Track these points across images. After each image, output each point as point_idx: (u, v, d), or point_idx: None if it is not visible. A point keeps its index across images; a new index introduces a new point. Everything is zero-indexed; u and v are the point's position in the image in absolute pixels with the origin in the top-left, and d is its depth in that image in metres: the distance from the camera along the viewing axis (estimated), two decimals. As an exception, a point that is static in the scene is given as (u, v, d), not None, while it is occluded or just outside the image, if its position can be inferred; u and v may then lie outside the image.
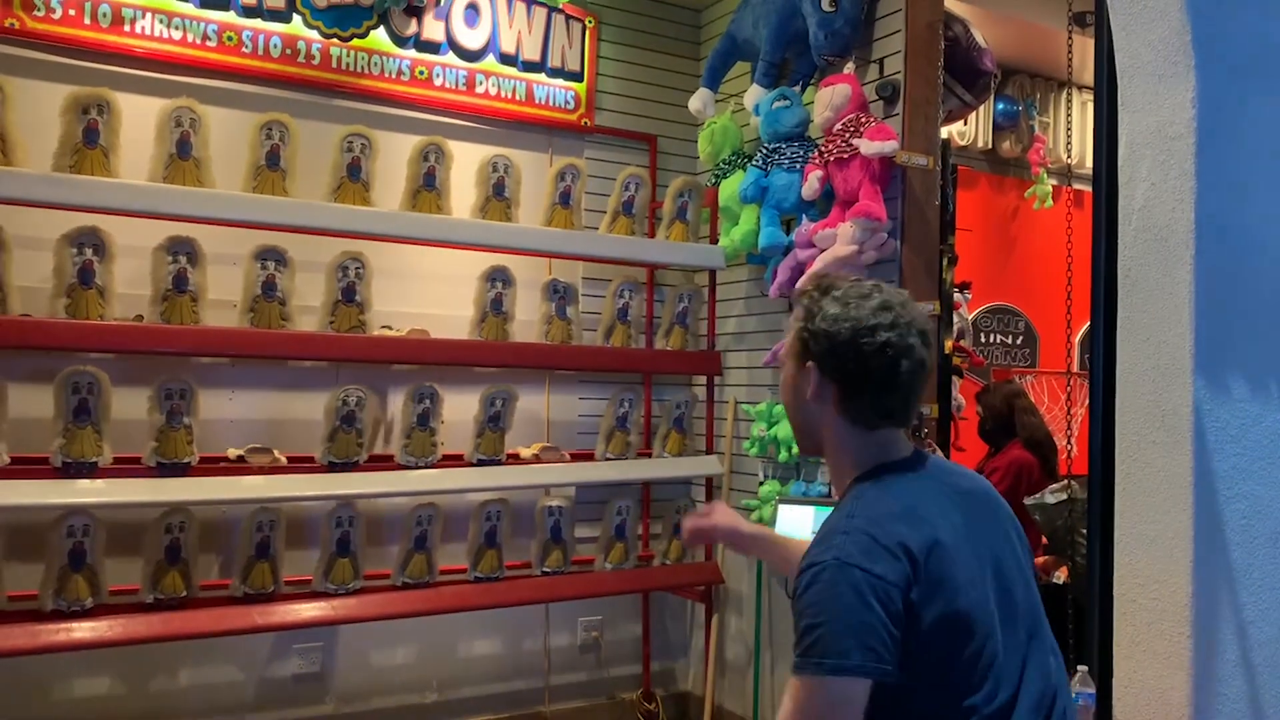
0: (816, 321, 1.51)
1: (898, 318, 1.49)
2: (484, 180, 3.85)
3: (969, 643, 1.41)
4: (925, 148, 3.60)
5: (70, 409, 3.13)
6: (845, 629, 1.33)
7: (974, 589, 1.44)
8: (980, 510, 1.58)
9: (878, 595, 1.34)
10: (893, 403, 1.51)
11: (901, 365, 1.48)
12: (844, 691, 1.33)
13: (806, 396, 1.54)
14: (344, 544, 3.56)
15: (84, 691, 3.49)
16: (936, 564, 1.40)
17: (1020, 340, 5.75)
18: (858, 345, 1.47)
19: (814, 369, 1.52)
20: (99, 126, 3.19)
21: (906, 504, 1.47)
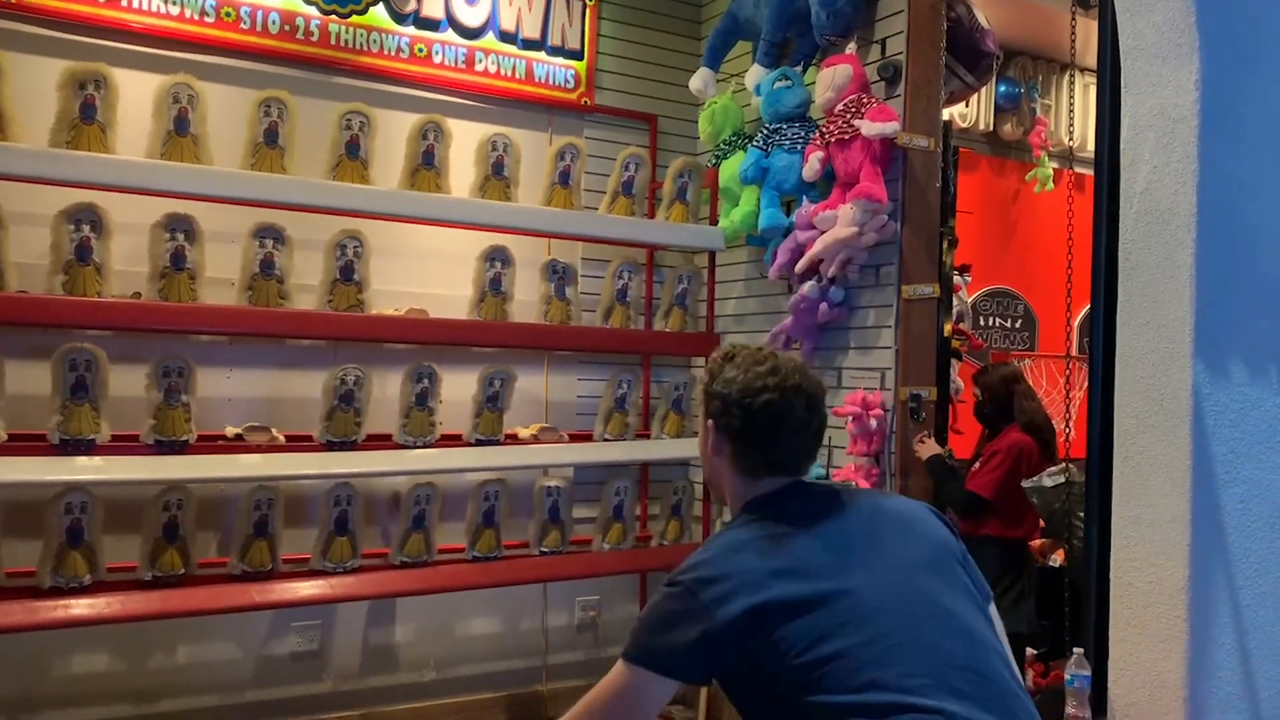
0: (714, 384, 1.69)
1: (783, 380, 1.64)
2: (483, 159, 3.84)
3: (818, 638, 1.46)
4: (927, 129, 3.58)
5: (68, 386, 3.13)
6: (650, 628, 1.57)
7: (843, 597, 1.49)
8: (878, 518, 1.65)
9: (687, 607, 1.51)
10: (776, 456, 1.66)
11: (782, 424, 1.64)
12: (634, 683, 1.56)
13: (709, 452, 1.71)
14: (342, 523, 3.57)
15: (82, 668, 3.50)
16: (777, 579, 1.50)
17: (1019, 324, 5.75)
18: (743, 404, 1.64)
19: (712, 426, 1.69)
20: (96, 102, 3.17)
21: (740, 539, 1.60)
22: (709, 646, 1.49)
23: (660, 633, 1.54)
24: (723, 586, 1.49)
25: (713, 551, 1.58)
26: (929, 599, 1.53)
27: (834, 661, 1.43)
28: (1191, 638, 2.25)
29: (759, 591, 1.48)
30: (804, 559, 1.53)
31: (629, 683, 1.55)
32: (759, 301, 4.33)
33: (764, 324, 4.18)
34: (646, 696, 1.55)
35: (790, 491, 1.66)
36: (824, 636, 1.45)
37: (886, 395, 3.64)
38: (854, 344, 3.82)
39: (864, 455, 3.64)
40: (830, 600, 1.47)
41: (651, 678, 1.53)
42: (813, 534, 1.57)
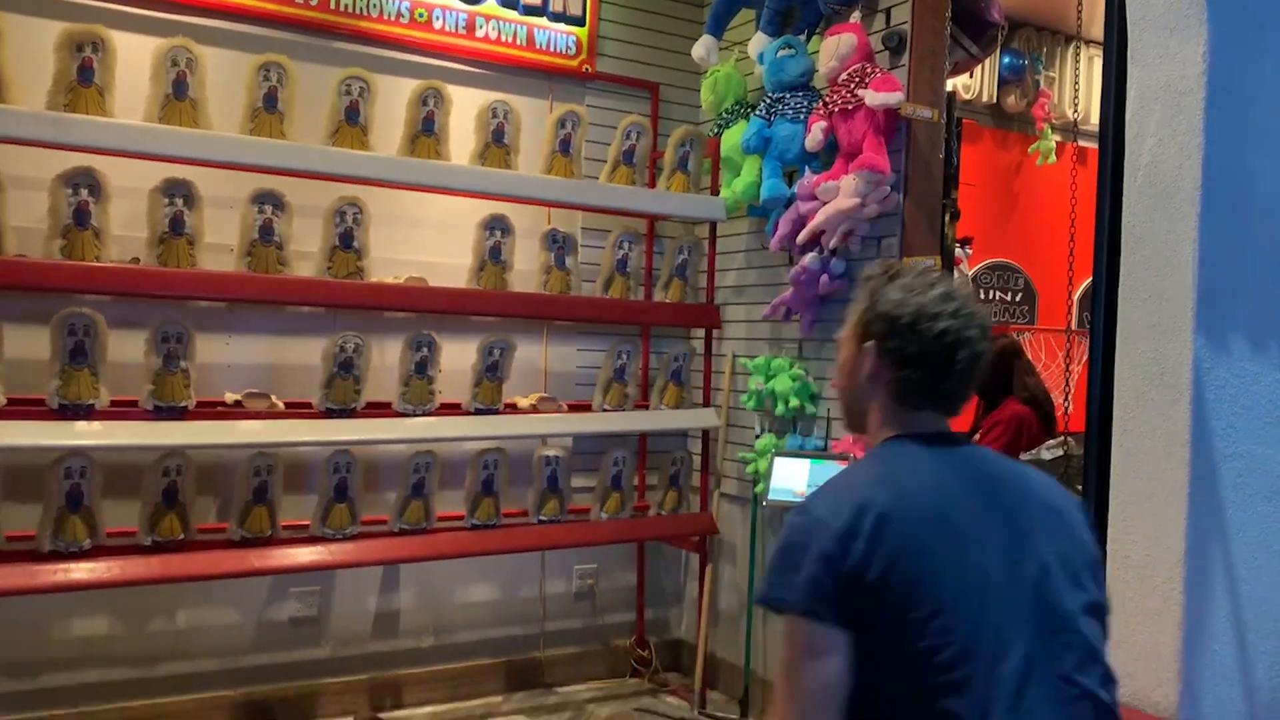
0: (879, 305, 1.55)
1: (960, 308, 1.53)
2: (483, 126, 3.81)
3: (931, 623, 1.37)
4: (930, 100, 3.56)
5: (66, 351, 3.12)
6: (786, 571, 1.42)
7: (960, 575, 1.40)
8: (1024, 510, 1.51)
9: (826, 545, 1.39)
10: (944, 388, 1.55)
11: (958, 354, 1.52)
12: (804, 628, 1.39)
13: (861, 377, 1.58)
14: (341, 490, 3.58)
15: (82, 632, 3.51)
16: (899, 531, 1.40)
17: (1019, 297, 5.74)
18: (917, 330, 1.52)
19: (872, 349, 1.56)
20: (94, 65, 3.14)
21: (894, 471, 1.50)
22: (837, 586, 1.37)
23: (790, 569, 1.41)
24: (859, 520, 1.40)
25: (853, 480, 1.49)
26: (1059, 610, 1.44)
27: (939, 647, 1.36)
28: (1187, 611, 2.26)
29: (893, 539, 1.39)
30: (944, 516, 1.44)
31: (790, 636, 1.40)
32: (759, 273, 4.31)
33: (764, 295, 4.17)
34: (815, 650, 1.38)
35: (944, 439, 1.56)
36: (937, 614, 1.37)
37: (886, 367, 3.64)
38: (854, 316, 3.81)
39: (863, 427, 3.64)
40: (957, 574, 1.39)
41: (804, 624, 1.38)
42: (955, 495, 1.47)
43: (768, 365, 4.03)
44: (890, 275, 1.58)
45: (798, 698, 1.38)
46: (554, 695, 4.27)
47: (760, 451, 4.02)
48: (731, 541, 4.40)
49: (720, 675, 4.39)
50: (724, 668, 4.38)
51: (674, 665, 4.62)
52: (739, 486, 4.33)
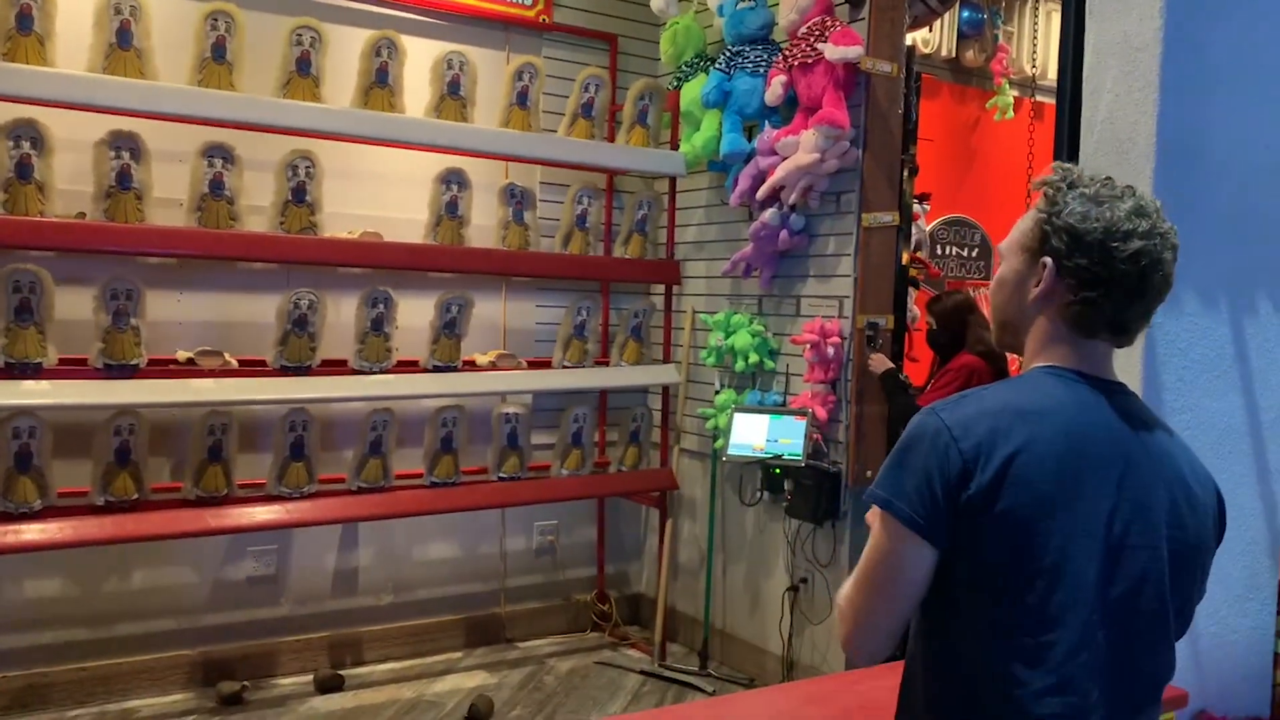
0: (1063, 215, 1.35)
1: (1154, 226, 1.34)
2: (438, 78, 3.74)
3: (1024, 586, 1.29)
4: (890, 54, 3.55)
5: (11, 308, 3.05)
6: (903, 470, 1.32)
7: (1074, 531, 1.29)
8: (1159, 484, 1.36)
9: (947, 456, 1.29)
10: (1127, 316, 1.37)
11: (1152, 278, 1.34)
12: (899, 533, 1.30)
13: (1031, 296, 1.40)
14: (298, 448, 3.54)
15: (36, 593, 3.47)
16: (1027, 468, 1.29)
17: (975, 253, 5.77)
18: (1107, 249, 1.33)
19: (1050, 267, 1.36)
20: (33, 12, 3.04)
21: (1044, 404, 1.35)
22: (945, 507, 1.28)
23: (903, 471, 1.31)
24: (989, 449, 1.28)
25: (996, 403, 1.34)
26: (1145, 614, 1.34)
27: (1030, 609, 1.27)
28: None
29: (1015, 483, 1.27)
30: (1076, 475, 1.30)
31: (882, 535, 1.33)
32: (719, 229, 4.30)
33: (724, 251, 4.17)
34: (901, 558, 1.31)
35: (1108, 386, 1.39)
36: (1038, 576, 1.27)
37: (844, 323, 3.66)
38: (813, 272, 3.83)
39: (821, 383, 3.67)
40: (1065, 542, 1.28)
41: (904, 532, 1.30)
42: (1093, 455, 1.32)
43: (727, 321, 4.03)
44: (1069, 183, 1.38)
45: (871, 597, 1.34)
46: (515, 650, 4.29)
47: (720, 407, 4.04)
48: (691, 496, 4.43)
49: (680, 628, 4.44)
50: (684, 621, 4.43)
51: (634, 619, 4.67)
52: (699, 442, 4.35)
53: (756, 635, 4.05)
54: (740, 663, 4.11)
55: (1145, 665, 1.36)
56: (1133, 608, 1.32)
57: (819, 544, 3.73)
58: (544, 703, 3.76)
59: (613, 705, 3.76)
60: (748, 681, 3.99)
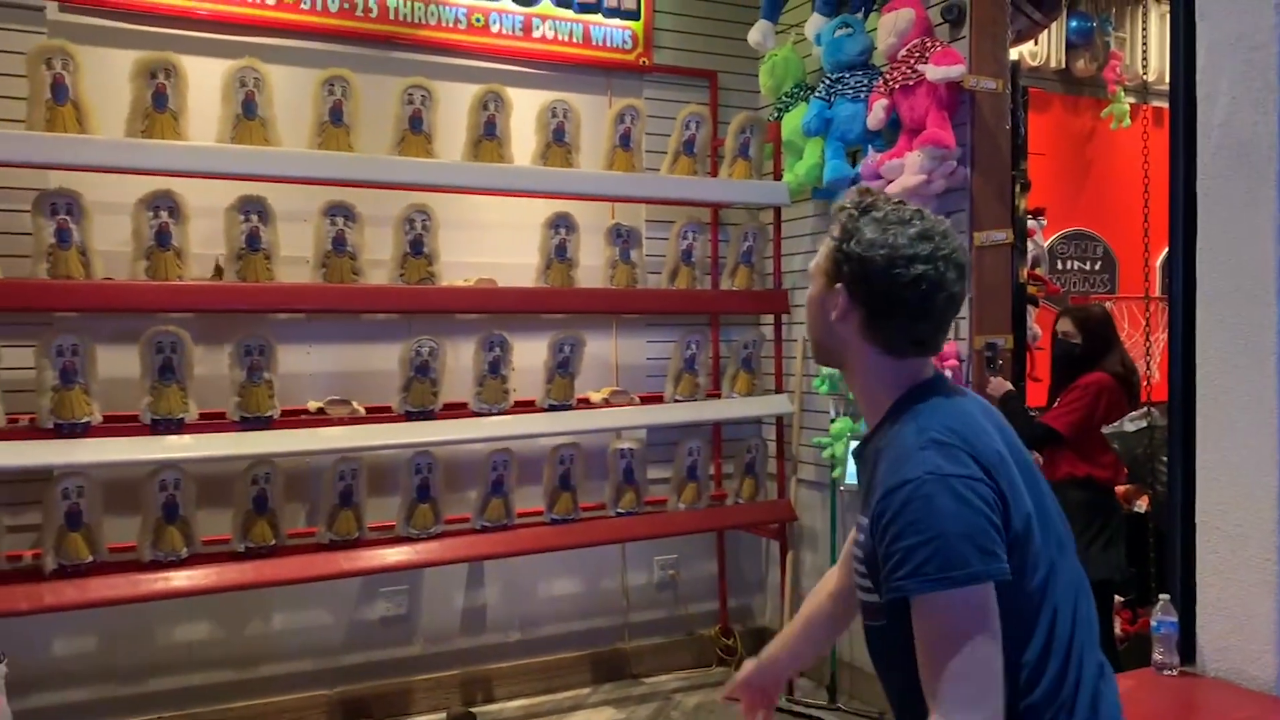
0: (852, 244, 1.46)
1: (936, 249, 1.44)
2: (543, 126, 3.84)
3: (1030, 558, 1.42)
4: (994, 70, 3.49)
5: (156, 368, 3.24)
6: (959, 538, 1.32)
7: (1027, 505, 1.45)
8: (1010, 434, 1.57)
9: (978, 495, 1.35)
10: (923, 332, 1.48)
11: (935, 299, 1.45)
12: (978, 600, 1.33)
13: (831, 317, 1.51)
14: (424, 490, 3.65)
15: (185, 637, 3.66)
16: (1004, 473, 1.42)
17: (1099, 266, 5.59)
18: (891, 275, 1.43)
19: (842, 292, 1.48)
20: (167, 90, 3.25)
21: (963, 418, 1.47)
22: (1000, 534, 1.37)
23: (963, 535, 1.34)
24: (992, 472, 1.40)
25: (954, 439, 1.42)
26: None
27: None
28: (1283, 581, 2.19)
29: (1005, 483, 1.41)
30: (1010, 463, 1.46)
31: (963, 604, 1.33)
32: (827, 255, 4.27)
33: (833, 278, 4.13)
34: (989, 611, 1.34)
35: (950, 387, 1.54)
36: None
37: (961, 345, 3.59)
38: (925, 294, 3.76)
39: (939, 406, 3.59)
40: (1040, 520, 1.45)
41: (978, 591, 1.33)
42: (1003, 444, 1.48)
43: (839, 348, 3.99)
44: (863, 209, 1.48)
45: (976, 673, 1.32)
46: (641, 686, 4.30)
47: (836, 435, 4.00)
48: (811, 527, 4.38)
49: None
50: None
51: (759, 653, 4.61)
52: (816, 472, 4.31)
53: (885, 667, 3.96)
54: (870, 697, 4.03)
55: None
56: (1075, 576, 1.52)
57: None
58: (671, 738, 3.75)
59: (741, 740, 3.72)
60: (877, 715, 3.91)
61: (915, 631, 1.36)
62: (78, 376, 3.14)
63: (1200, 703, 2.26)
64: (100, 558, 3.20)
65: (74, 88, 3.14)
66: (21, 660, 3.35)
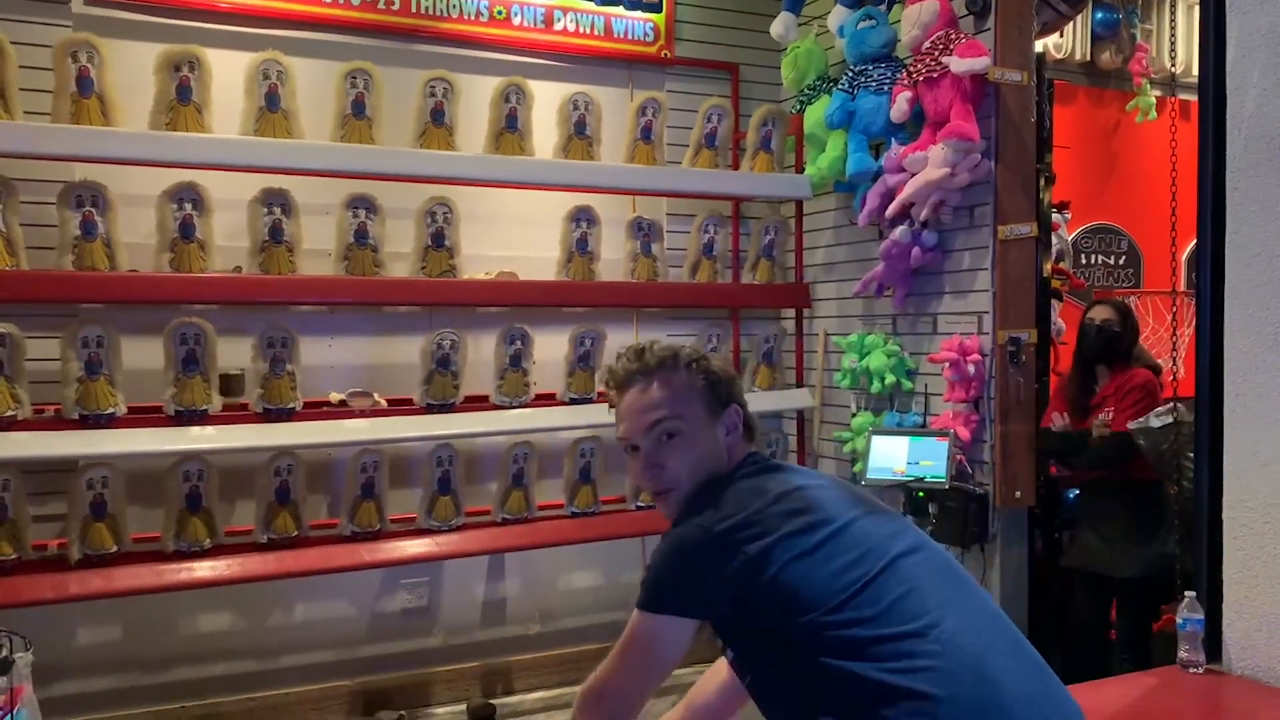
0: (715, 372, 1.77)
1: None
2: (565, 119, 3.84)
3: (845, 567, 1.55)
4: (1019, 63, 3.46)
5: (179, 359, 3.26)
6: (677, 573, 1.65)
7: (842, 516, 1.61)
8: (842, 486, 1.76)
9: (708, 548, 1.60)
10: (751, 425, 1.82)
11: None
12: (670, 626, 1.64)
13: (726, 440, 1.76)
14: (445, 482, 3.66)
15: (208, 627, 3.68)
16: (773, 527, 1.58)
17: (1123, 260, 5.54)
18: (737, 380, 1.83)
19: (734, 409, 1.77)
20: (191, 83, 3.26)
21: (761, 482, 1.68)
22: (733, 583, 1.55)
23: (682, 575, 1.63)
24: (746, 527, 1.58)
25: (725, 499, 1.66)
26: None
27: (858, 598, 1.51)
28: (1312, 579, 2.17)
29: (777, 530, 1.56)
30: (815, 502, 1.63)
31: (649, 628, 1.65)
32: (849, 249, 4.26)
33: (854, 272, 4.12)
34: (669, 640, 1.64)
35: (762, 456, 1.81)
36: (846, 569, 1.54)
37: (984, 339, 3.56)
38: (949, 288, 3.74)
39: (962, 402, 3.58)
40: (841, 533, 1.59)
41: (670, 621, 1.63)
42: (810, 484, 1.68)
43: (861, 342, 3.98)
44: (685, 355, 1.77)
45: (639, 670, 1.74)
46: (661, 679, 4.29)
47: (857, 430, 3.98)
48: (832, 521, 4.36)
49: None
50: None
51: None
52: (836, 466, 4.29)
53: (906, 663, 3.94)
54: None
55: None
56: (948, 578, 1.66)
57: (968, 567, 3.61)
58: (691, 732, 3.74)
59: (760, 734, 3.72)
60: None
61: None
62: (102, 368, 3.16)
63: (1226, 701, 2.23)
64: (124, 548, 3.22)
65: (99, 80, 3.16)
66: (47, 649, 3.38)
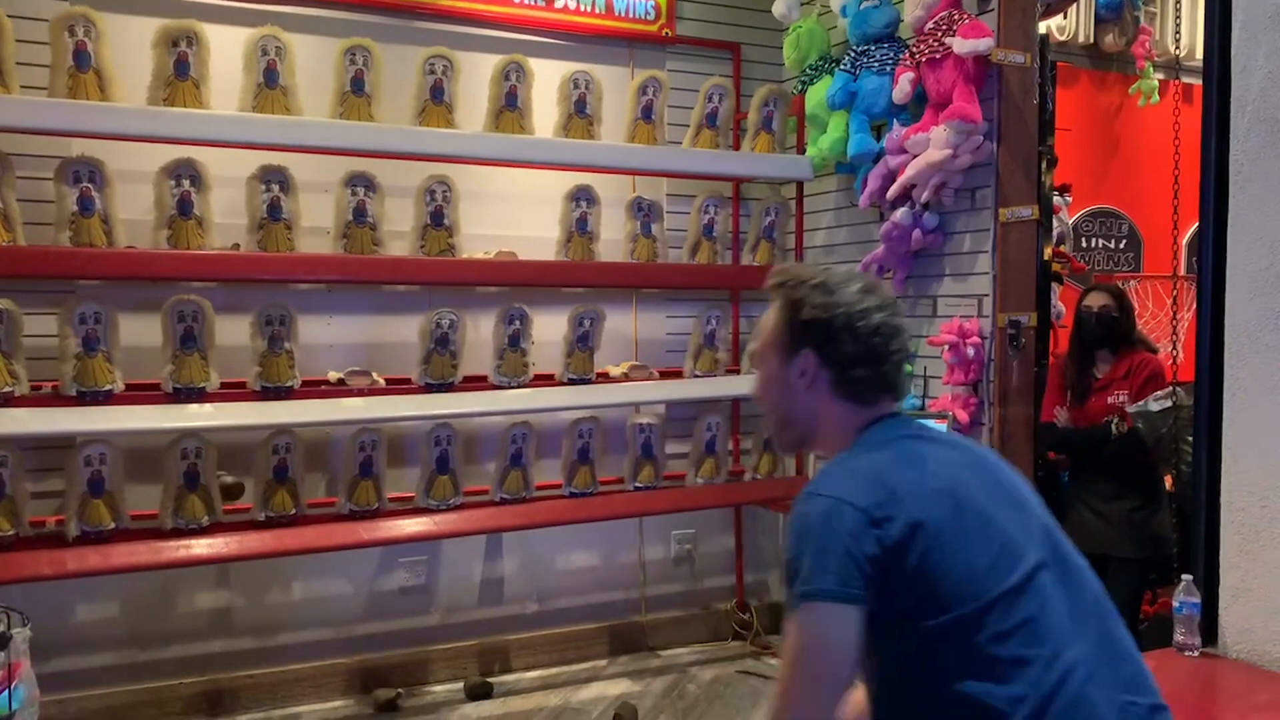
0: (806, 310, 1.53)
1: (882, 300, 1.54)
2: (565, 98, 3.82)
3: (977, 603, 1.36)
4: (1022, 44, 3.44)
5: (177, 337, 3.25)
6: (818, 554, 1.36)
7: (988, 548, 1.40)
8: (984, 464, 1.54)
9: (851, 523, 1.36)
10: (891, 378, 1.55)
11: (894, 345, 1.54)
12: (828, 618, 1.35)
13: (800, 388, 1.55)
14: (443, 462, 3.66)
15: (206, 604, 3.69)
16: (926, 509, 1.39)
17: (1124, 244, 5.53)
18: (854, 329, 1.51)
19: (811, 356, 1.54)
20: (189, 59, 3.24)
21: (895, 453, 1.48)
22: (874, 564, 1.35)
23: (826, 557, 1.36)
24: (883, 503, 1.38)
25: (855, 471, 1.45)
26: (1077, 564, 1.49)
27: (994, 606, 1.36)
28: (1309, 563, 2.17)
29: (920, 509, 1.38)
30: (959, 488, 1.43)
31: (809, 623, 1.37)
32: (849, 231, 4.25)
33: (855, 254, 4.11)
34: (833, 634, 1.36)
35: (905, 421, 1.57)
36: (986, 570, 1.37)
37: (984, 322, 3.56)
38: (949, 271, 3.74)
39: (961, 385, 3.57)
40: (986, 548, 1.39)
41: (831, 609, 1.35)
42: (957, 467, 1.47)
43: (860, 325, 3.96)
44: (800, 280, 1.55)
45: (811, 680, 1.36)
46: (657, 658, 4.32)
47: (856, 412, 3.97)
48: (829, 503, 4.37)
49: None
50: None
51: (776, 629, 4.62)
52: (835, 448, 4.29)
53: (901, 644, 3.96)
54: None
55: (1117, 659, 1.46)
56: (1077, 595, 1.46)
57: (964, 550, 3.62)
58: (687, 711, 3.77)
59: (756, 714, 3.74)
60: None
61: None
62: (100, 344, 3.15)
63: (1222, 684, 2.24)
64: (122, 525, 3.23)
65: (96, 55, 3.14)
66: (45, 625, 3.38)
